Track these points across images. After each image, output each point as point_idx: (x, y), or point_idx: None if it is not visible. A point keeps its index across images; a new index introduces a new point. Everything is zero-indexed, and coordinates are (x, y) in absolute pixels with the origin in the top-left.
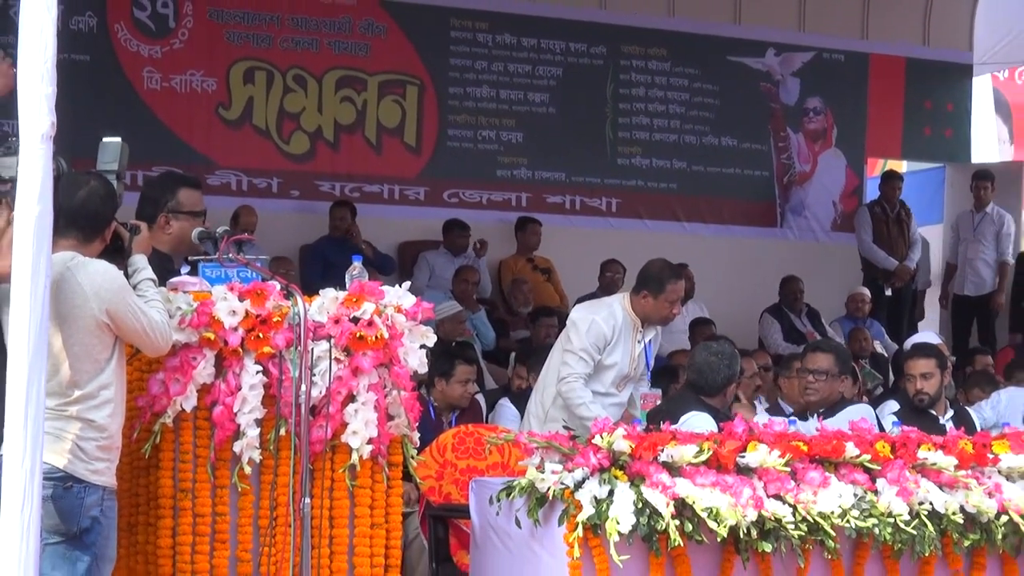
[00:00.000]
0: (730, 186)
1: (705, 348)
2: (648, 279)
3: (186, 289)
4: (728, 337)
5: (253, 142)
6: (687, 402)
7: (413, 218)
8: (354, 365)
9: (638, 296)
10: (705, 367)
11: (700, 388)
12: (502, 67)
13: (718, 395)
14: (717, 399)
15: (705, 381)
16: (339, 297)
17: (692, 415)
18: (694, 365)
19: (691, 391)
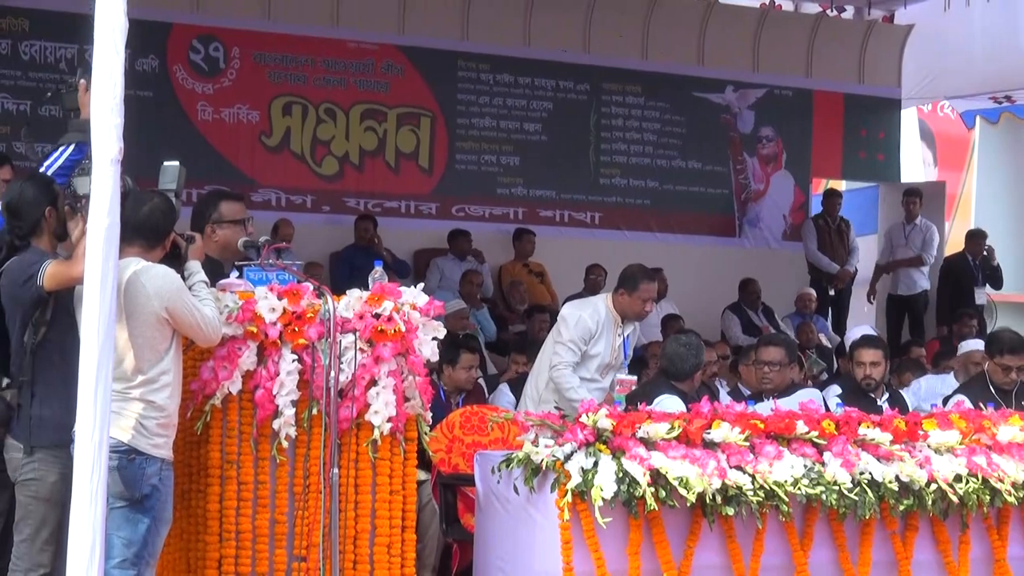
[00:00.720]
0: (696, 202)
1: (675, 340)
2: (626, 279)
3: (233, 290)
4: (695, 331)
5: (290, 165)
6: (659, 386)
7: (426, 229)
8: (376, 354)
9: (617, 294)
10: (675, 356)
11: (671, 374)
12: (501, 101)
13: (686, 380)
14: (686, 384)
15: (675, 368)
16: (363, 296)
17: (664, 398)
18: (666, 354)
19: (663, 377)
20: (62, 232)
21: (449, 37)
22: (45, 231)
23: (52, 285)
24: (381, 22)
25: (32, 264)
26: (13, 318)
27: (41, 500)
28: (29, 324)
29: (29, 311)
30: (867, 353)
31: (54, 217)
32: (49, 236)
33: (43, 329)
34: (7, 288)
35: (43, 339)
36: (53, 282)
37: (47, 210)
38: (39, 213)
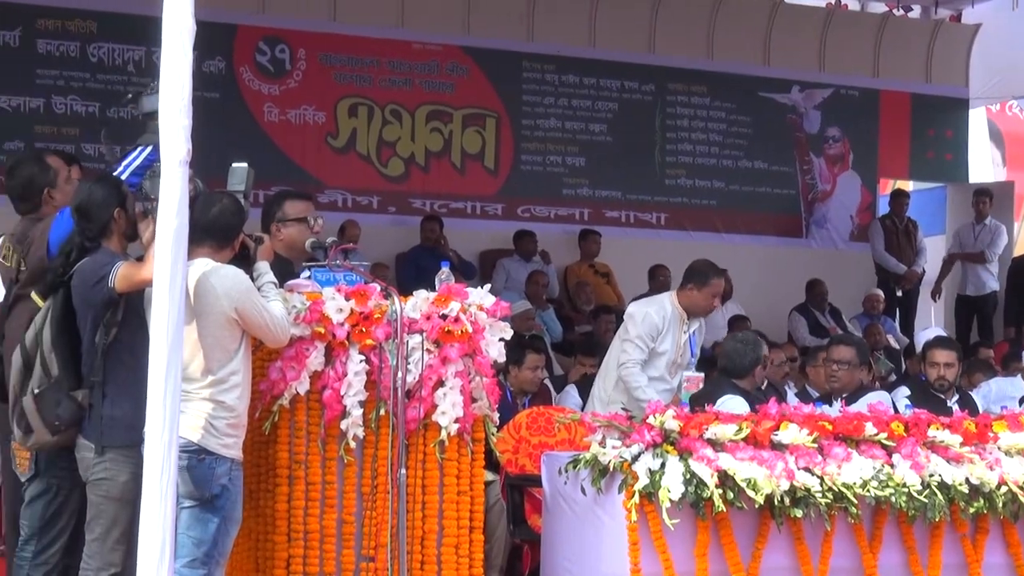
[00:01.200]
0: (762, 202)
1: (732, 338)
2: (695, 274)
3: (301, 290)
4: (757, 329)
5: (356, 166)
6: (721, 386)
7: (492, 230)
8: (443, 355)
9: (685, 290)
10: (733, 353)
11: (731, 372)
12: (567, 102)
13: (747, 376)
14: (747, 380)
15: (734, 365)
16: (430, 297)
17: (727, 398)
18: (724, 352)
19: (723, 376)
20: (132, 233)
21: (514, 38)
22: (115, 232)
23: (123, 287)
24: (446, 23)
25: (103, 265)
26: (84, 319)
27: (112, 499)
28: (100, 325)
29: (100, 312)
30: (941, 354)
31: (123, 218)
32: (119, 237)
33: (114, 330)
34: (78, 289)
35: (114, 340)
36: (124, 283)
37: (116, 211)
38: (108, 214)
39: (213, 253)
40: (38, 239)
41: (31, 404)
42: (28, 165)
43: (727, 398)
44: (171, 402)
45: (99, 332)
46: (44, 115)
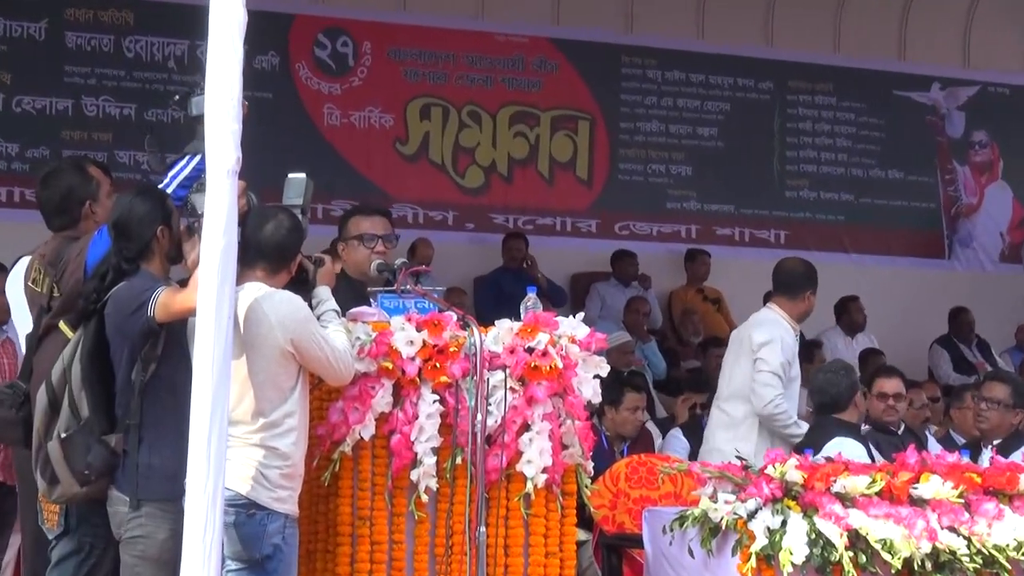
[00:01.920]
0: (897, 218)
1: (818, 370)
2: (808, 276)
3: (365, 319)
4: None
5: (429, 176)
6: (826, 428)
7: (584, 250)
8: (529, 395)
9: (798, 298)
10: (825, 385)
11: (829, 407)
12: (671, 102)
13: (848, 407)
14: (849, 412)
15: (830, 398)
16: (514, 328)
17: (838, 440)
18: (816, 388)
19: (823, 414)
20: (176, 255)
21: (611, 28)
22: (157, 253)
23: (165, 316)
24: (533, 12)
25: (143, 292)
26: (119, 352)
27: (149, 560)
28: (138, 359)
29: (138, 344)
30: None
31: (167, 237)
32: (161, 259)
33: (153, 365)
34: (113, 317)
35: (153, 376)
36: (166, 313)
37: (159, 229)
38: (150, 232)
39: (267, 277)
40: (74, 260)
41: (57, 450)
42: (67, 174)
43: (838, 440)
44: (216, 448)
45: (136, 367)
46: (73, 118)
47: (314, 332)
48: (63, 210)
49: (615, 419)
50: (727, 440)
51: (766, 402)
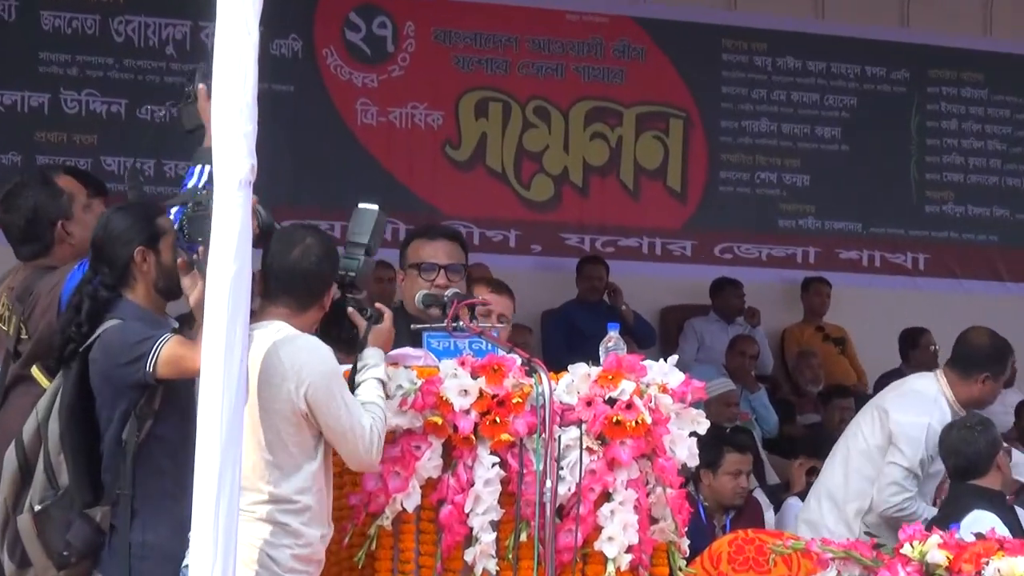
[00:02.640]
0: None
1: (951, 426)
2: (991, 357)
3: (408, 364)
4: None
5: (486, 187)
6: (961, 498)
7: (678, 277)
8: (610, 456)
9: (972, 379)
10: (960, 443)
11: (967, 471)
12: (784, 96)
13: (989, 471)
14: (990, 477)
15: (967, 461)
16: (592, 374)
17: (975, 516)
18: (950, 449)
19: (960, 481)
20: (167, 286)
21: (710, 6)
22: (138, 280)
23: (169, 372)
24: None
25: (142, 339)
26: (108, 406)
27: None
28: (131, 415)
29: (131, 399)
30: None
31: (151, 263)
32: (146, 288)
33: (149, 422)
34: (101, 364)
35: (149, 436)
36: (171, 369)
37: (137, 251)
38: (126, 254)
39: (291, 315)
40: (45, 295)
41: (29, 525)
42: (31, 191)
43: (976, 514)
44: (226, 524)
45: (128, 425)
46: (50, 116)
47: (337, 393)
48: (31, 236)
49: (715, 486)
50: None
51: (889, 506)
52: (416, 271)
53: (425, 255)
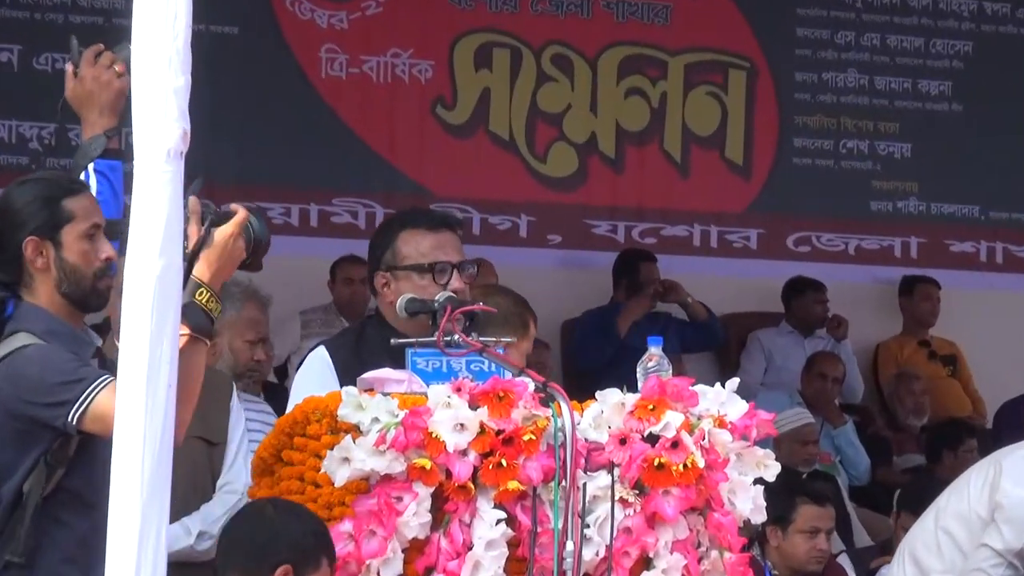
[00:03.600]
0: None
1: None
2: None
3: (387, 390)
4: None
5: (489, 159)
6: None
7: (739, 276)
8: (650, 510)
9: None
10: None
11: None
12: (877, 40)
13: None
14: None
15: None
16: (627, 403)
17: None
18: None
19: None
20: (73, 291)
21: None
22: (36, 279)
23: (97, 429)
24: None
25: (71, 382)
26: (6, 446)
27: None
28: (40, 462)
29: (41, 443)
30: None
31: (49, 257)
32: (48, 289)
33: (60, 472)
34: (6, 395)
35: (58, 489)
36: (100, 427)
37: (25, 242)
38: (13, 245)
39: None
40: None
41: None
42: None
43: None
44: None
45: (33, 475)
46: None
47: None
48: None
49: (786, 548)
50: None
51: None
52: (420, 274)
53: (429, 250)
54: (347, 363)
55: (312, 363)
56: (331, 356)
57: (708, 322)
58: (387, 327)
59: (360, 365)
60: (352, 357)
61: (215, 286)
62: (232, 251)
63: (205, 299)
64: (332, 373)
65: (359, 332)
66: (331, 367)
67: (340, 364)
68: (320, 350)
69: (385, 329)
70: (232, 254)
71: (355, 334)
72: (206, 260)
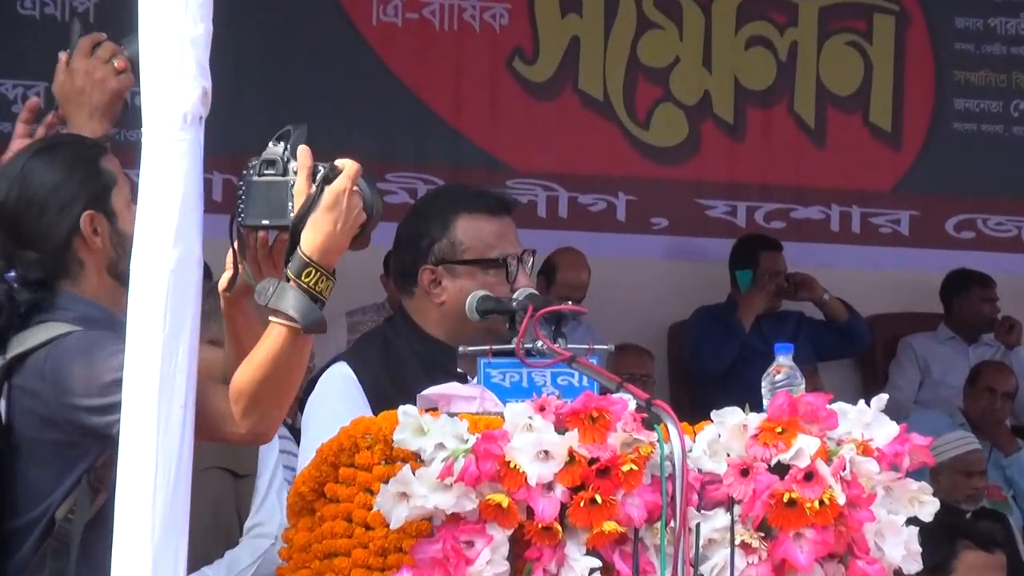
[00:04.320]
0: None
1: None
2: None
3: (454, 409)
4: None
5: (579, 125)
6: None
7: (888, 269)
8: (779, 557)
9: None
10: None
11: None
12: None
13: None
14: None
15: None
16: (751, 425)
17: None
18: None
19: None
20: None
21: None
22: (85, 264)
23: None
24: None
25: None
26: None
27: None
28: (82, 481)
29: (86, 458)
30: None
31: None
32: (99, 271)
33: (101, 495)
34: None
35: (96, 517)
36: None
37: (85, 216)
38: (65, 225)
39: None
40: None
41: None
42: None
43: None
44: None
45: (70, 499)
46: None
47: None
48: None
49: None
50: None
51: None
52: (480, 269)
53: (496, 240)
54: (377, 382)
55: (334, 383)
56: (357, 374)
57: (850, 324)
58: (420, 336)
59: (392, 385)
60: (382, 375)
61: (327, 262)
62: (348, 215)
63: (314, 280)
64: (362, 396)
65: (384, 343)
66: (359, 387)
67: (369, 384)
68: (341, 367)
69: (416, 339)
70: (348, 218)
71: (380, 345)
72: (314, 228)
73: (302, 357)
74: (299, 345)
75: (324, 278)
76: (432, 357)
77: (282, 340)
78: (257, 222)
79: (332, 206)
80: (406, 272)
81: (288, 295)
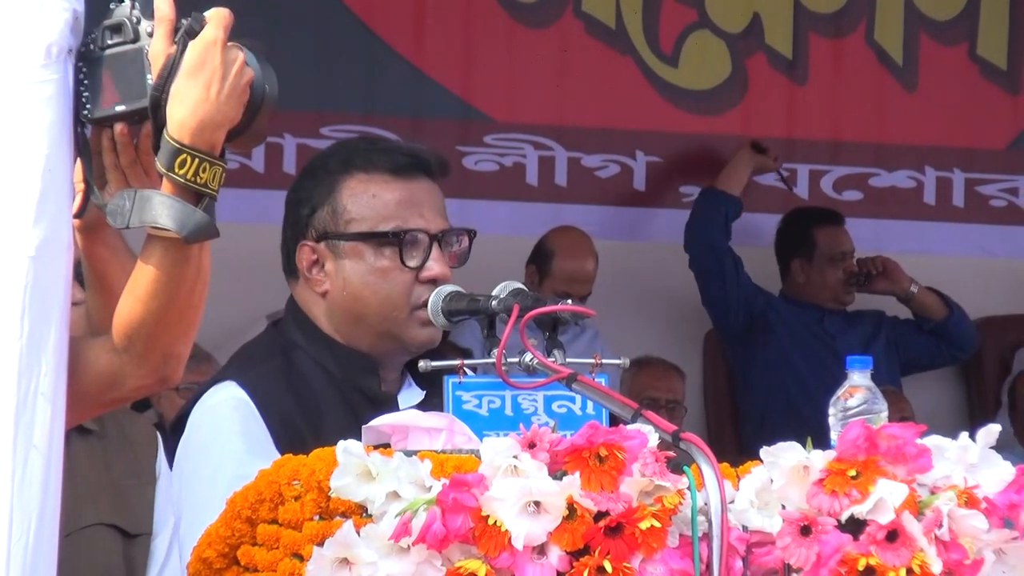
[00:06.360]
0: None
1: None
2: None
3: (411, 446)
4: None
5: (584, 61)
6: None
7: (1001, 256)
8: None
9: None
10: None
11: None
12: None
13: None
14: None
15: None
16: (812, 467)
17: None
18: None
19: None
20: None
21: None
22: None
23: None
24: None
25: None
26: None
27: None
28: None
29: None
30: None
31: None
32: None
33: None
34: None
35: None
36: None
37: None
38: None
39: None
40: None
41: None
42: None
43: None
44: None
45: None
46: None
47: None
48: None
49: None
50: None
51: None
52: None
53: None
54: (283, 409)
55: (224, 413)
56: (254, 398)
57: (948, 324)
58: (325, 340)
59: (303, 414)
60: (288, 398)
61: (205, 142)
62: (223, 73)
63: (191, 169)
64: (263, 429)
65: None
66: (258, 418)
67: (274, 412)
68: (231, 389)
69: (319, 345)
70: (225, 80)
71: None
72: (179, 98)
73: (200, 270)
74: (188, 258)
75: (206, 164)
76: (346, 371)
77: (167, 257)
78: (109, 111)
79: (200, 66)
80: (288, 252)
81: (153, 201)
